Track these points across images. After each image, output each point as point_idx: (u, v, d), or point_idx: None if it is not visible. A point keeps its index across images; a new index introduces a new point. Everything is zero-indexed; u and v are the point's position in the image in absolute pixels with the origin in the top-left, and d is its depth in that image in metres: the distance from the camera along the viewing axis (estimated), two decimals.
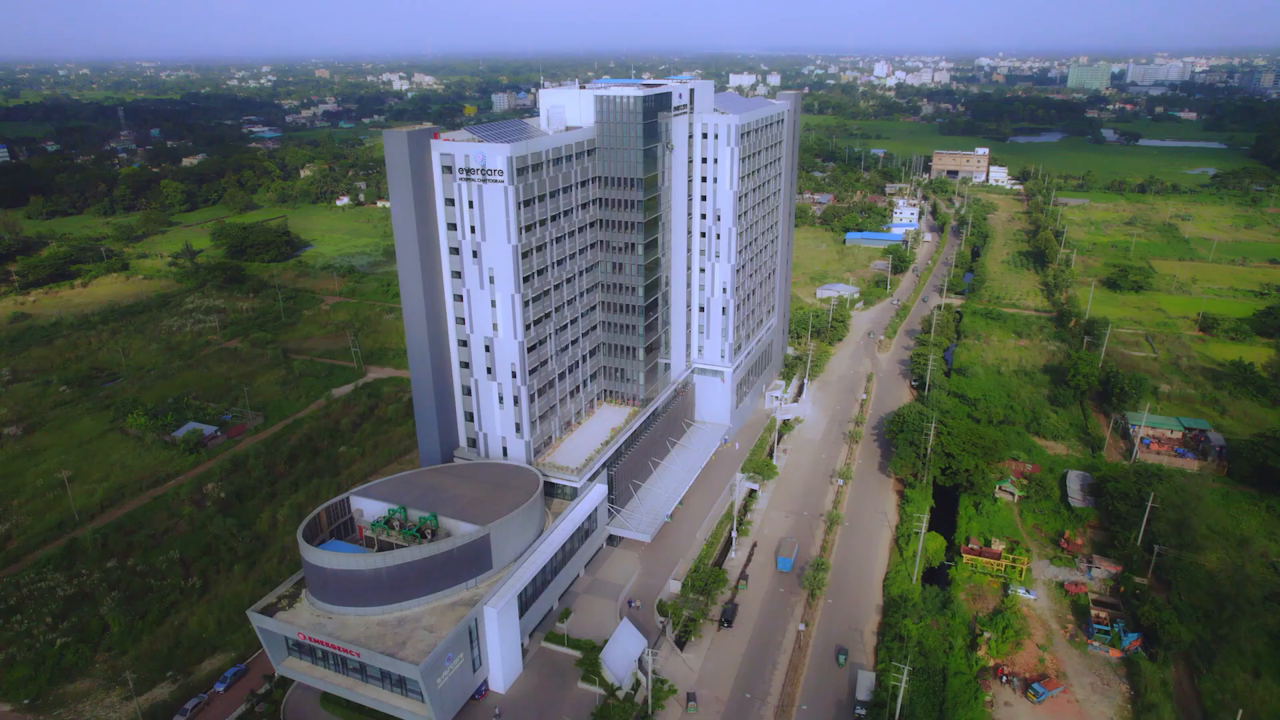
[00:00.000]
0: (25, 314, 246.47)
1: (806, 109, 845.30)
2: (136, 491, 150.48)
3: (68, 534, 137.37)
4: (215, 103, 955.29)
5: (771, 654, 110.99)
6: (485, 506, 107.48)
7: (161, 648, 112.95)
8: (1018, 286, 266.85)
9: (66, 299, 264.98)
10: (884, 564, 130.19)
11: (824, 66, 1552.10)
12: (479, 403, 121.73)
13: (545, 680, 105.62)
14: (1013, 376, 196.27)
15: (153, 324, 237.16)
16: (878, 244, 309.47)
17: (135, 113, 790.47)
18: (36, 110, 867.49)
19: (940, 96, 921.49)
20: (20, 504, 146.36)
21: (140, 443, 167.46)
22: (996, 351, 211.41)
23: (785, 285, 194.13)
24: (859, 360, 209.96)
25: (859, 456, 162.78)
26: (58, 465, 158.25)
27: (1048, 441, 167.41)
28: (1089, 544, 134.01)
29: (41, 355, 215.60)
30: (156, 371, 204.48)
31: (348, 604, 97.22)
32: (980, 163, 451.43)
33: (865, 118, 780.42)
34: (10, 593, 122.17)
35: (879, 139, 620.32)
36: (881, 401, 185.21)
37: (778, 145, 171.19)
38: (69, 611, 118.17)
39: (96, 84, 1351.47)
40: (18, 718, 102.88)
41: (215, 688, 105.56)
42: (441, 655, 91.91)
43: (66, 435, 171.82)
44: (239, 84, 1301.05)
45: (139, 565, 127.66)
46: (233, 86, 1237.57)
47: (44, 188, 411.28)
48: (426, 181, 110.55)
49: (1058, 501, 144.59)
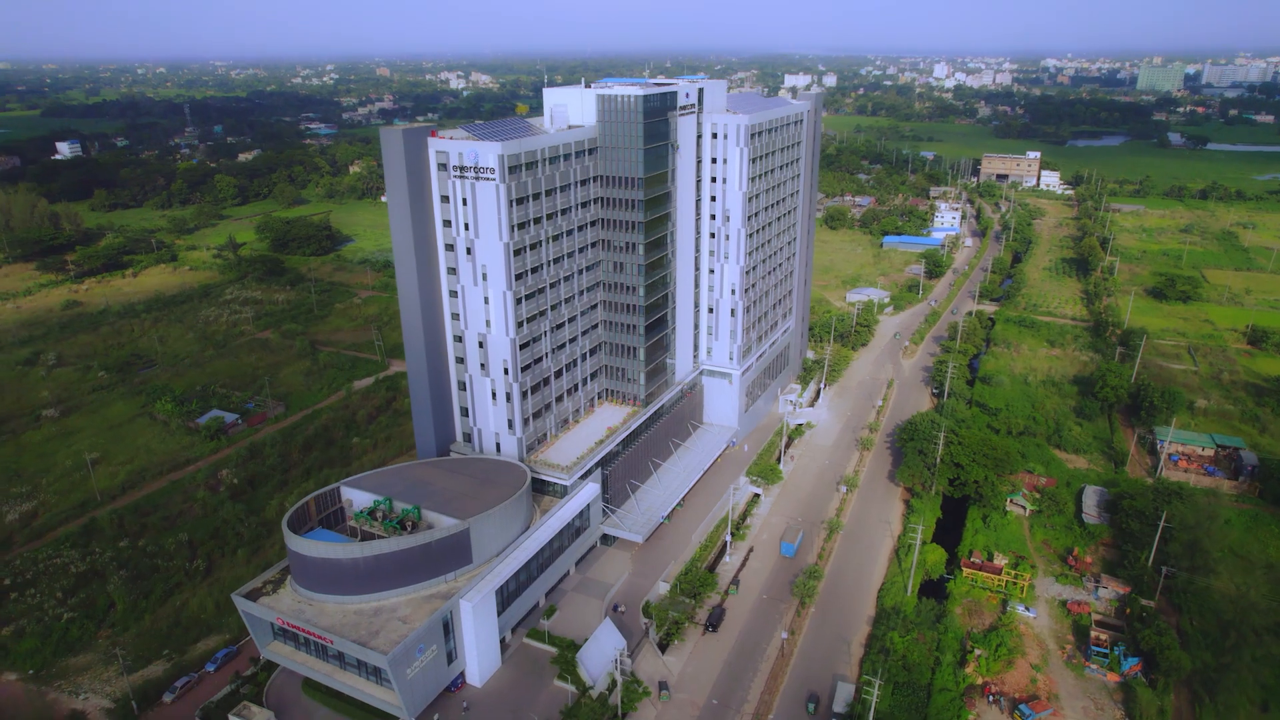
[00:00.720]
0: (77, 302, 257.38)
1: (859, 110, 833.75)
2: (157, 475, 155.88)
3: (89, 513, 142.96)
4: (277, 100, 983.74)
5: (754, 661, 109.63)
6: (469, 501, 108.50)
7: (161, 626, 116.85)
8: (1057, 294, 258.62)
9: (117, 288, 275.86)
10: (881, 574, 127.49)
11: (883, 68, 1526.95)
12: (473, 398, 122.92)
13: (523, 676, 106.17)
14: (1040, 387, 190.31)
15: (192, 314, 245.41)
16: (915, 248, 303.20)
17: (202, 110, 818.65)
18: (112, 108, 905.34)
19: (998, 99, 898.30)
20: (49, 483, 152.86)
21: (166, 428, 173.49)
22: (1026, 360, 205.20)
23: (804, 288, 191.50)
24: (882, 366, 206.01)
25: (869, 464, 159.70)
26: (87, 447, 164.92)
27: (1068, 455, 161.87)
28: (1099, 563, 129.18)
29: (87, 341, 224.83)
30: (190, 359, 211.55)
31: (328, 592, 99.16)
32: (1031, 166, 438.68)
33: (919, 119, 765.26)
34: (28, 567, 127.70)
35: (930, 141, 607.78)
36: (900, 409, 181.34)
37: (795, 146, 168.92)
38: (79, 588, 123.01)
39: (171, 82, 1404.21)
40: (21, 687, 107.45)
41: (206, 668, 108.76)
42: (412, 646, 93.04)
43: (99, 418, 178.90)
44: (303, 82, 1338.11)
45: (149, 546, 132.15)
46: (296, 85, 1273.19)
47: (108, 181, 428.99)
48: (423, 178, 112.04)
49: (1071, 517, 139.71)
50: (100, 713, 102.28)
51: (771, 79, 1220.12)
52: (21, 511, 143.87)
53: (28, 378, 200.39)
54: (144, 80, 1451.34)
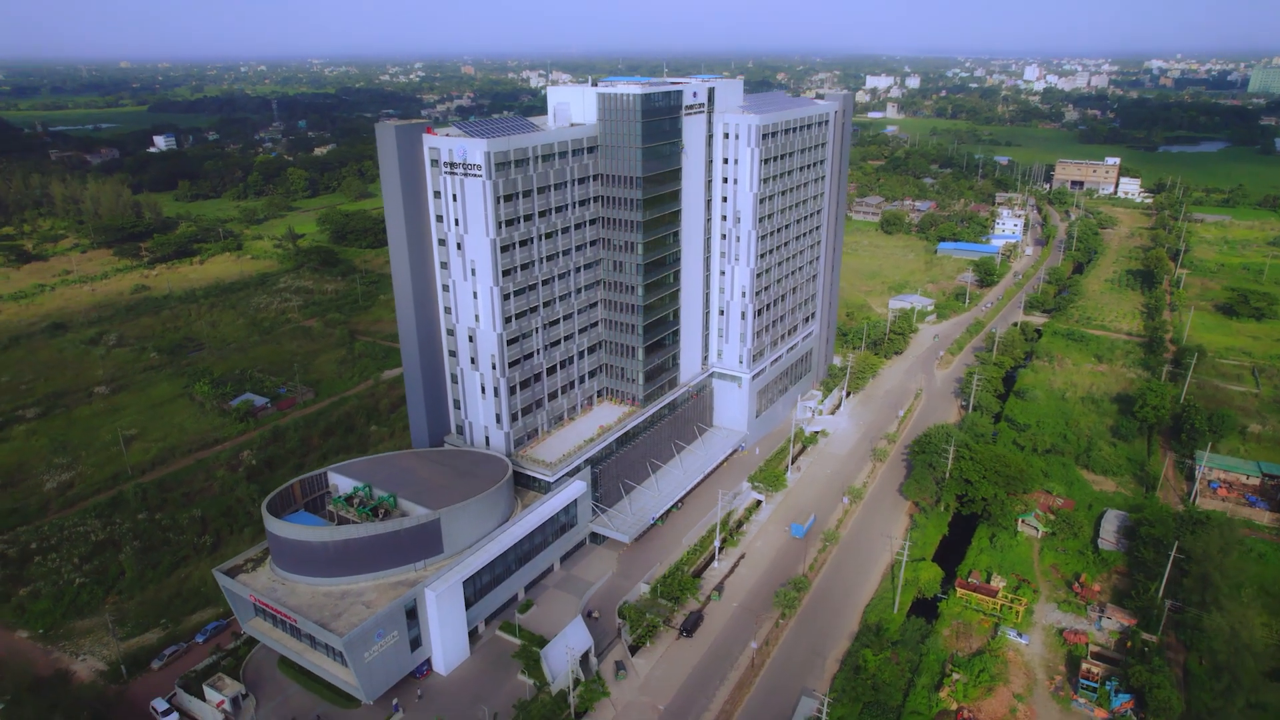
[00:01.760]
0: (145, 286, 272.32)
1: (938, 113, 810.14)
2: (185, 453, 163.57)
3: (118, 486, 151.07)
4: (362, 96, 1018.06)
5: (723, 669, 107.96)
6: (445, 492, 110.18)
7: (162, 597, 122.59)
8: (1116, 307, 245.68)
9: (183, 275, 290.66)
10: (872, 590, 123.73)
11: (971, 70, 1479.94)
12: (464, 391, 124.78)
13: (489, 668, 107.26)
14: (1078, 403, 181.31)
15: (245, 301, 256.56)
16: (970, 255, 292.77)
17: (289, 105, 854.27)
18: (211, 103, 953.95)
19: (1088, 102, 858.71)
20: (88, 455, 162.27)
21: (201, 409, 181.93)
22: (1068, 375, 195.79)
23: (830, 293, 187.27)
24: (913, 376, 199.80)
25: (880, 476, 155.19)
26: (128, 424, 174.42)
27: (1096, 476, 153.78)
28: (1109, 592, 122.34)
29: (147, 324, 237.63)
30: (236, 344, 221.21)
31: (300, 573, 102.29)
32: (1109, 173, 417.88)
33: (999, 123, 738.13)
34: (54, 533, 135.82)
35: (1009, 146, 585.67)
36: (924, 420, 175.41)
37: (819, 147, 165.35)
38: (95, 555, 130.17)
39: (269, 79, 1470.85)
40: (29, 644, 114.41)
41: (196, 639, 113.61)
42: (370, 630, 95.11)
43: (144, 397, 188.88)
44: (390, 79, 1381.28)
45: (164, 520, 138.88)
46: (384, 82, 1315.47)
47: (193, 173, 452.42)
48: (418, 173, 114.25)
49: (1086, 542, 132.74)
50: (94, 674, 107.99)
51: (854, 80, 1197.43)
52: (60, 481, 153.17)
53: (88, 356, 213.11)
54: (245, 78, 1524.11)
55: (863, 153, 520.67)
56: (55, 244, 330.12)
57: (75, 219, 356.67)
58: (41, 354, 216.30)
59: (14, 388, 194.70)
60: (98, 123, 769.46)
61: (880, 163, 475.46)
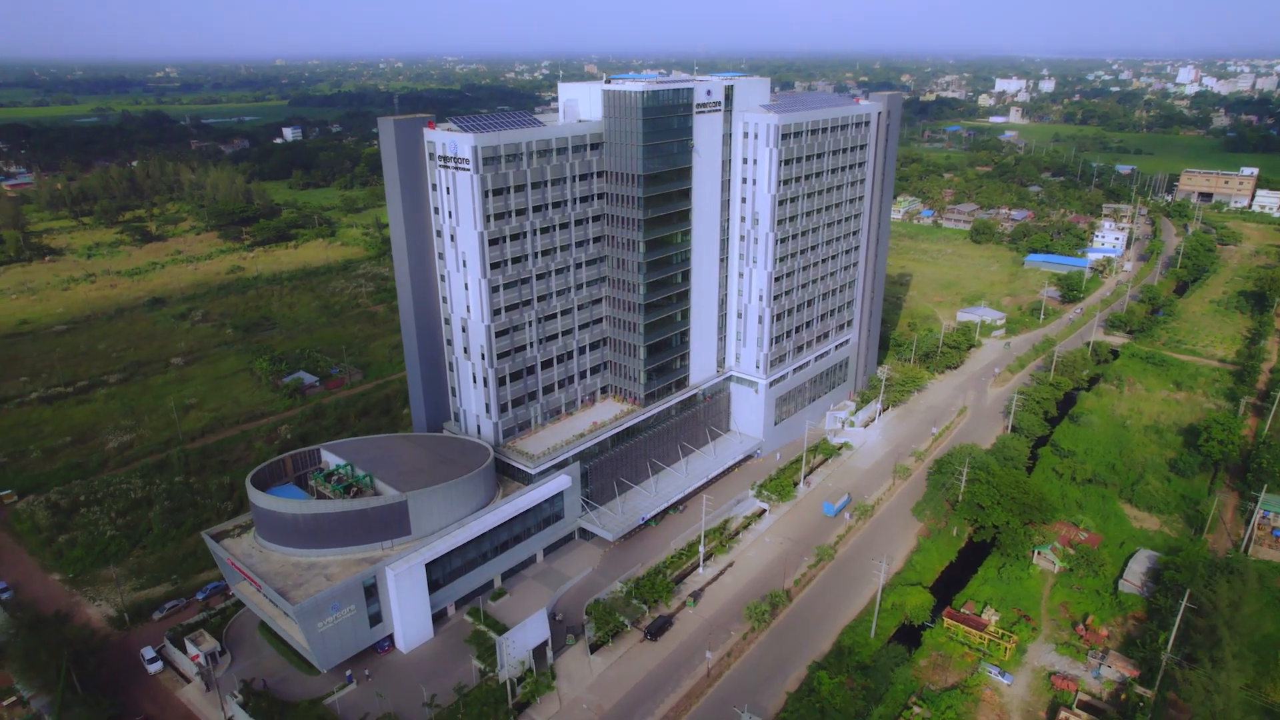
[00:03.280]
0: (240, 268, 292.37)
1: (1067, 118, 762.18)
2: (233, 423, 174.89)
3: (167, 450, 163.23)
4: (483, 92, 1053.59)
5: (678, 677, 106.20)
6: (420, 475, 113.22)
7: (179, 555, 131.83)
8: (1214, 331, 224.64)
9: (277, 258, 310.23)
10: (856, 611, 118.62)
11: (1116, 72, 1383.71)
12: (459, 380, 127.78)
13: (450, 650, 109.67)
14: (1139, 432, 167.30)
15: (324, 285, 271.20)
16: (1059, 269, 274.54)
17: (412, 101, 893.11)
18: (343, 99, 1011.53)
19: (1245, 107, 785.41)
20: (150, 420, 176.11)
21: (258, 384, 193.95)
22: (1135, 402, 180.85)
23: (872, 300, 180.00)
24: (963, 392, 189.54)
25: (897, 494, 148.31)
26: (191, 394, 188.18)
27: (1139, 512, 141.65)
28: (1118, 638, 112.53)
29: (233, 303, 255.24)
30: (305, 325, 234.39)
31: (276, 542, 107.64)
32: (1243, 184, 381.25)
33: (1134, 130, 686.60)
34: (101, 488, 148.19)
35: (1138, 154, 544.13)
36: (963, 439, 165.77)
37: (857, 149, 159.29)
38: (130, 511, 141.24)
39: (403, 76, 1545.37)
40: (59, 586, 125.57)
41: (196, 596, 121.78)
42: (325, 602, 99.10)
43: (212, 370, 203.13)
44: (514, 76, 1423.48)
45: (196, 484, 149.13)
46: (509, 79, 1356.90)
47: (307, 163, 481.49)
48: (418, 166, 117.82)
49: (1107, 583, 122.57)
50: (103, 618, 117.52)
51: (982, 83, 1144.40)
52: (120, 441, 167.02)
53: (175, 330, 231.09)
54: (381, 74, 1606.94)
55: (970, 158, 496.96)
56: (175, 226, 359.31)
57: (197, 203, 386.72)
58: (138, 325, 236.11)
59: (107, 355, 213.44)
60: (242, 116, 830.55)
61: (987, 169, 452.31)
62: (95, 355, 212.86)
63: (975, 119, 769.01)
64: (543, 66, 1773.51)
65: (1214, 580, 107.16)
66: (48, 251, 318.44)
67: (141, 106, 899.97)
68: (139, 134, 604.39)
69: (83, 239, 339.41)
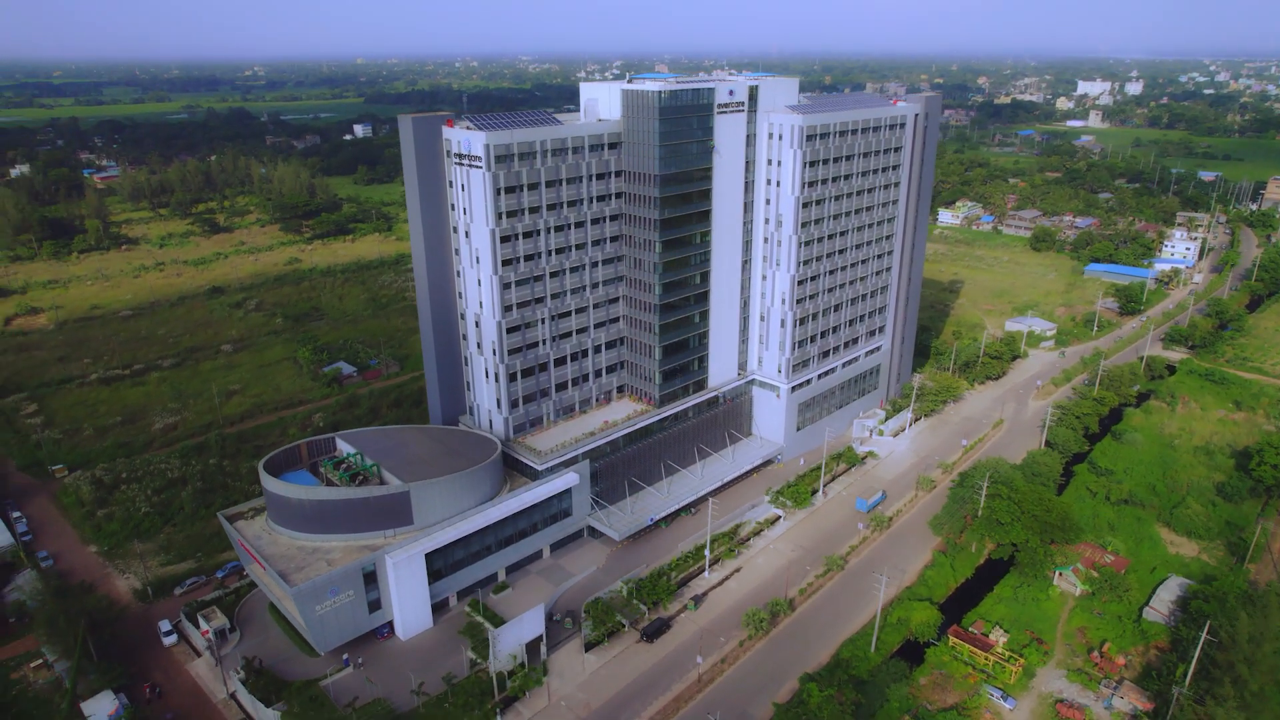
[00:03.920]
0: (297, 259, 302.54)
1: (1151, 122, 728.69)
2: (271, 410, 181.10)
3: (207, 433, 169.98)
4: (552, 92, 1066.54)
5: (669, 680, 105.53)
6: (425, 467, 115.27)
7: (206, 533, 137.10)
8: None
9: (334, 251, 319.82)
10: (859, 624, 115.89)
11: (1213, 73, 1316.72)
12: (473, 374, 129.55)
13: (448, 640, 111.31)
14: (1188, 453, 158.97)
15: (375, 278, 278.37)
16: (1120, 279, 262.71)
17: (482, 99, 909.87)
18: (416, 96, 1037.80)
19: None
20: (195, 404, 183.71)
21: (300, 372, 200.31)
22: (1188, 421, 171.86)
23: (907, 307, 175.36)
24: (1003, 404, 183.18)
25: (918, 506, 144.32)
26: (236, 379, 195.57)
27: (1177, 537, 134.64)
28: (1136, 668, 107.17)
29: (287, 293, 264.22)
30: (352, 317, 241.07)
31: (285, 526, 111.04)
32: None
33: (1226, 134, 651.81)
34: (143, 467, 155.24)
35: (1226, 160, 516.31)
36: (995, 452, 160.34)
37: (890, 152, 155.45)
38: (165, 490, 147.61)
39: (477, 75, 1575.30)
40: (94, 558, 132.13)
41: (216, 574, 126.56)
42: (323, 586, 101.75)
43: (258, 357, 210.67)
44: (585, 76, 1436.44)
45: (229, 466, 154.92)
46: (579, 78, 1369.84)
47: (373, 159, 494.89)
48: (438, 164, 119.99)
49: (1132, 609, 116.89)
50: (129, 590, 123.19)
51: (1063, 85, 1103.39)
52: (166, 423, 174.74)
53: (230, 318, 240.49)
54: (456, 73, 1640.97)
55: (1040, 163, 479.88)
56: (242, 218, 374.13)
57: (264, 197, 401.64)
58: (197, 313, 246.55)
59: (165, 340, 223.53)
60: (318, 112, 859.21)
61: (1056, 175, 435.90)
62: (154, 340, 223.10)
63: (1051, 123, 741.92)
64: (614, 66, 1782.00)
65: (1235, 612, 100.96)
66: (125, 241, 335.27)
67: (227, 104, 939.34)
68: (220, 130, 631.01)
69: (158, 229, 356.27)
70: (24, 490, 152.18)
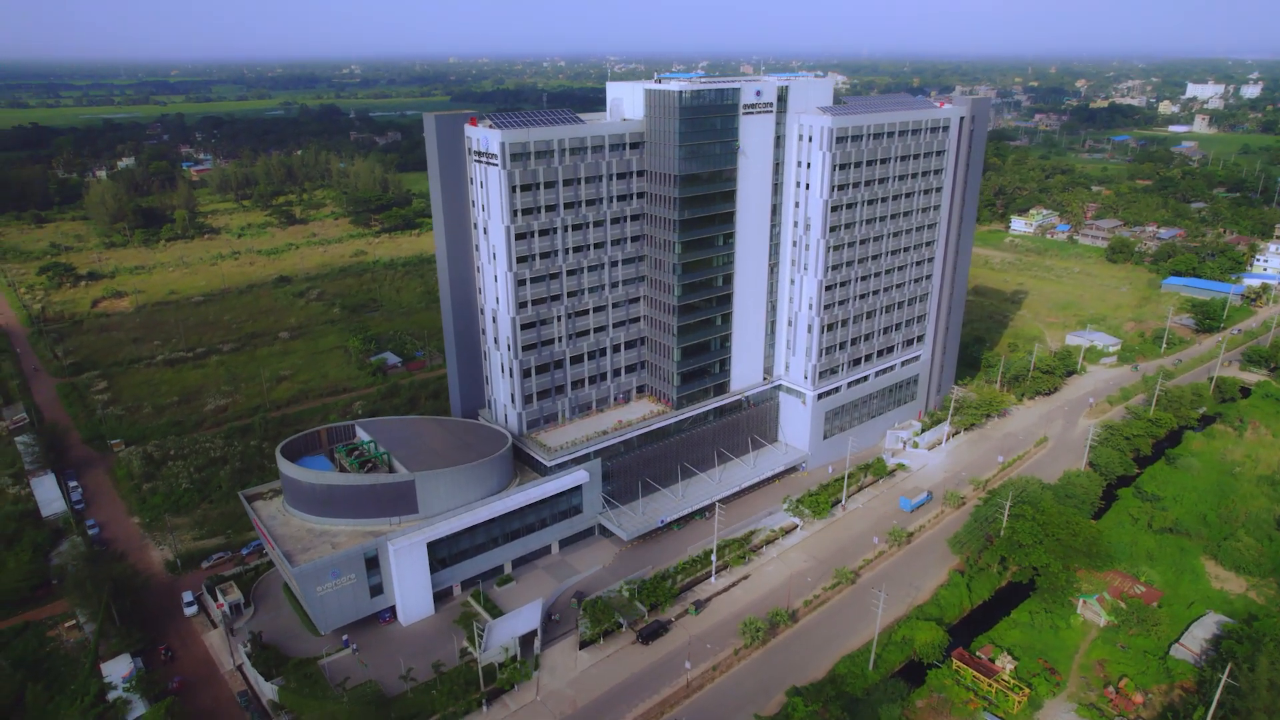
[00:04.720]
0: (363, 252, 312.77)
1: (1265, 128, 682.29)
2: (316, 396, 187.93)
3: (254, 416, 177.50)
4: None
5: (657, 685, 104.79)
6: (434, 457, 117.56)
7: (239, 511, 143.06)
8: None
9: (399, 244, 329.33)
10: (862, 640, 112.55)
11: None
12: (490, 369, 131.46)
13: (447, 628, 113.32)
14: (1251, 483, 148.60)
15: (433, 271, 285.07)
16: (1201, 294, 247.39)
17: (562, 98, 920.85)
18: (501, 95, 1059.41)
19: None
20: (246, 387, 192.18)
21: (348, 360, 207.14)
22: (1256, 448, 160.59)
23: (950, 315, 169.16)
24: (1051, 421, 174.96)
25: (943, 523, 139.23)
26: (288, 365, 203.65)
27: (1224, 572, 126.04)
28: (1156, 708, 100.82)
29: (348, 284, 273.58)
30: (405, 309, 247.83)
31: (298, 509, 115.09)
32: None
33: None
34: (190, 445, 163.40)
35: None
36: (1036, 471, 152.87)
37: (931, 156, 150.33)
38: (206, 468, 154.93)
39: (563, 75, 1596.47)
40: (135, 528, 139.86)
41: (242, 551, 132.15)
42: (324, 569, 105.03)
43: (312, 345, 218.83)
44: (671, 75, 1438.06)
45: (268, 449, 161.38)
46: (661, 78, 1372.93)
47: None
48: (460, 161, 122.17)
49: (1161, 645, 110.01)
50: (162, 561, 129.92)
51: (1171, 88, 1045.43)
52: (217, 405, 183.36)
53: (292, 306, 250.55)
54: (543, 73, 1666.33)
55: (1130, 170, 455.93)
56: (317, 210, 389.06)
57: (340, 190, 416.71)
58: (262, 300, 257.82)
59: (229, 325, 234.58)
60: (405, 110, 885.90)
61: (1147, 183, 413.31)
62: (220, 325, 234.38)
63: (1152, 128, 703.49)
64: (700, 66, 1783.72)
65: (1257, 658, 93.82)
66: (208, 230, 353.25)
67: (320, 100, 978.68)
68: (309, 125, 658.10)
69: (239, 220, 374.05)
70: (84, 461, 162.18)
